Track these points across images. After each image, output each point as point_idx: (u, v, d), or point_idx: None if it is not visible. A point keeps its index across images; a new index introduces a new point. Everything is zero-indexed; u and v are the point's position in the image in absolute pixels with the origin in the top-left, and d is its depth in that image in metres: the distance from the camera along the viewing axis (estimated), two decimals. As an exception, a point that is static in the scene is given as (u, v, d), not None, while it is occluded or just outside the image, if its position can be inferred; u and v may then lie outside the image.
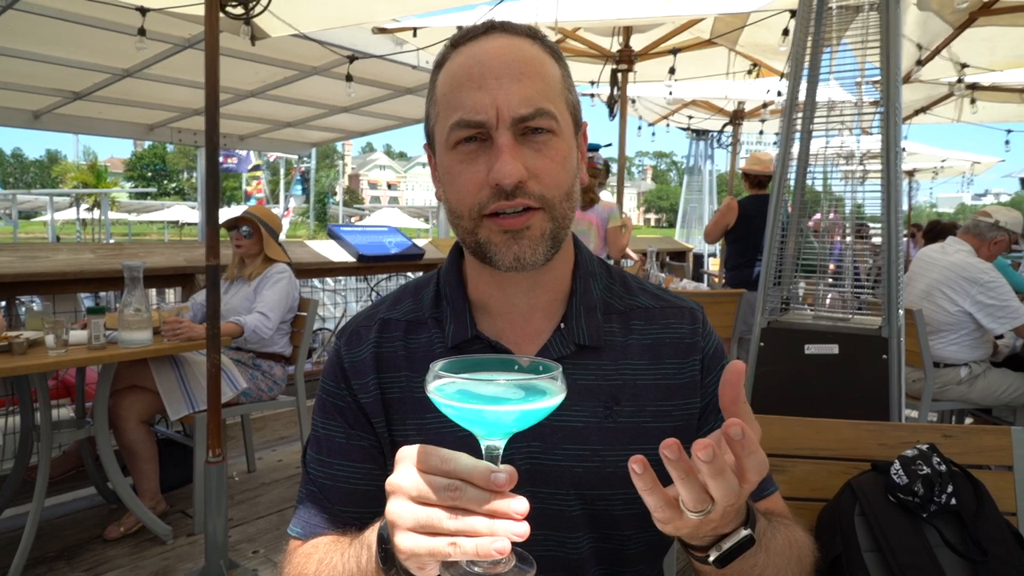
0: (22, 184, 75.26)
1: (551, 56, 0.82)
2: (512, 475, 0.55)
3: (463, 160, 0.78)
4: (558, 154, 0.78)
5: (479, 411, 0.55)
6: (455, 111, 0.77)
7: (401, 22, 4.32)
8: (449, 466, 0.55)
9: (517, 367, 0.62)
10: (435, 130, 0.83)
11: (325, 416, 0.90)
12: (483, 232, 0.78)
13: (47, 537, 2.81)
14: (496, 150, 0.75)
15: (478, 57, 0.78)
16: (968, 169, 10.89)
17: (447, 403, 0.56)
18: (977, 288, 3.19)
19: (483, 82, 0.76)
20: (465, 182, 0.77)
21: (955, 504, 1.08)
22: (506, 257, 0.78)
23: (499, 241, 0.78)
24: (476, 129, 0.76)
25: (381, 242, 4.98)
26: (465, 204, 0.78)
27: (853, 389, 2.29)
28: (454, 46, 0.82)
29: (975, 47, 4.50)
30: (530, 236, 0.77)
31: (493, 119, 0.75)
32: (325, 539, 0.84)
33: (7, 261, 3.29)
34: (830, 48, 2.56)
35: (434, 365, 0.58)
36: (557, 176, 0.78)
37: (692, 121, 8.06)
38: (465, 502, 0.54)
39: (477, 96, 0.75)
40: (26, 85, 5.03)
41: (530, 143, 0.77)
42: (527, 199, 0.76)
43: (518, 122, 0.76)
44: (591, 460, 0.82)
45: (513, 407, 0.55)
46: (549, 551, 0.83)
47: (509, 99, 0.75)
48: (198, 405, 2.88)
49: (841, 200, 2.62)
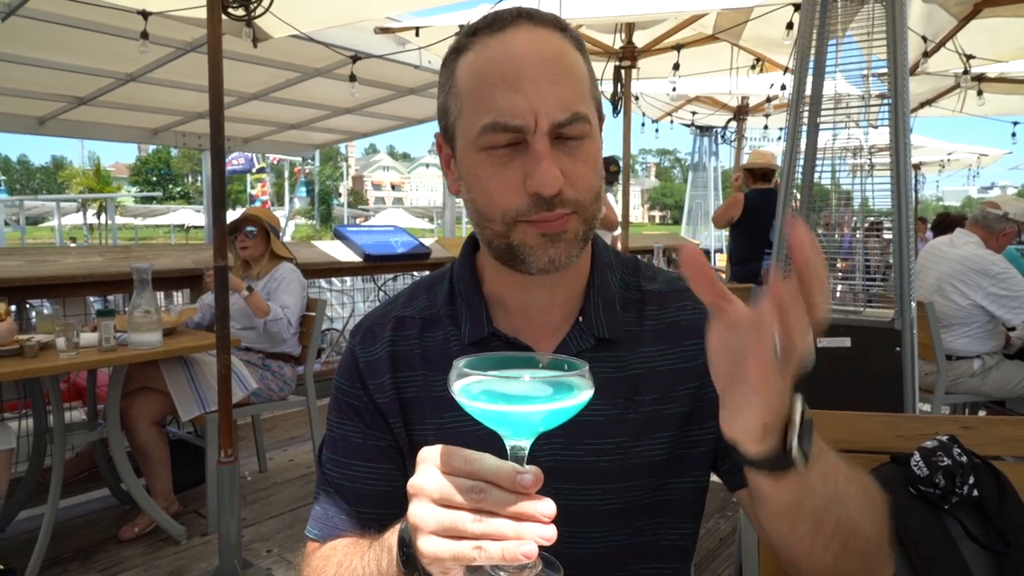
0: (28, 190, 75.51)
1: (577, 49, 0.79)
2: (538, 476, 0.53)
3: (495, 164, 0.75)
4: (590, 157, 0.77)
5: (505, 412, 0.53)
6: (487, 112, 0.74)
7: (402, 21, 4.32)
8: (473, 467, 0.54)
9: (541, 365, 0.60)
10: (456, 125, 0.79)
11: (341, 416, 0.89)
12: (517, 236, 0.76)
13: (62, 538, 2.82)
14: (533, 156, 0.73)
15: (510, 54, 0.74)
16: (975, 162, 10.83)
17: (472, 404, 0.54)
18: (989, 280, 3.17)
19: (518, 83, 0.73)
20: (497, 186, 0.75)
21: (977, 495, 1.07)
22: (541, 260, 0.76)
23: (535, 244, 0.76)
24: (511, 134, 0.73)
25: (387, 242, 4.98)
26: (497, 208, 0.76)
27: (866, 382, 2.28)
28: (474, 34, 0.78)
29: (980, 38, 4.47)
30: (566, 240, 0.76)
31: (532, 124, 0.72)
32: (344, 541, 0.83)
33: (17, 265, 3.30)
34: (835, 40, 2.55)
35: (457, 362, 0.56)
36: (590, 180, 0.77)
37: (696, 117, 8.04)
38: (490, 504, 0.52)
39: (513, 99, 0.72)
40: (30, 91, 5.05)
41: (564, 147, 0.75)
42: (564, 207, 0.74)
43: (556, 128, 0.73)
44: (614, 453, 0.81)
45: (541, 406, 0.54)
46: (576, 548, 0.82)
47: (547, 104, 0.72)
48: (209, 406, 2.89)
49: (850, 194, 2.61)
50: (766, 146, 9.01)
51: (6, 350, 2.40)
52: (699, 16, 4.65)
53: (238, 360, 3.12)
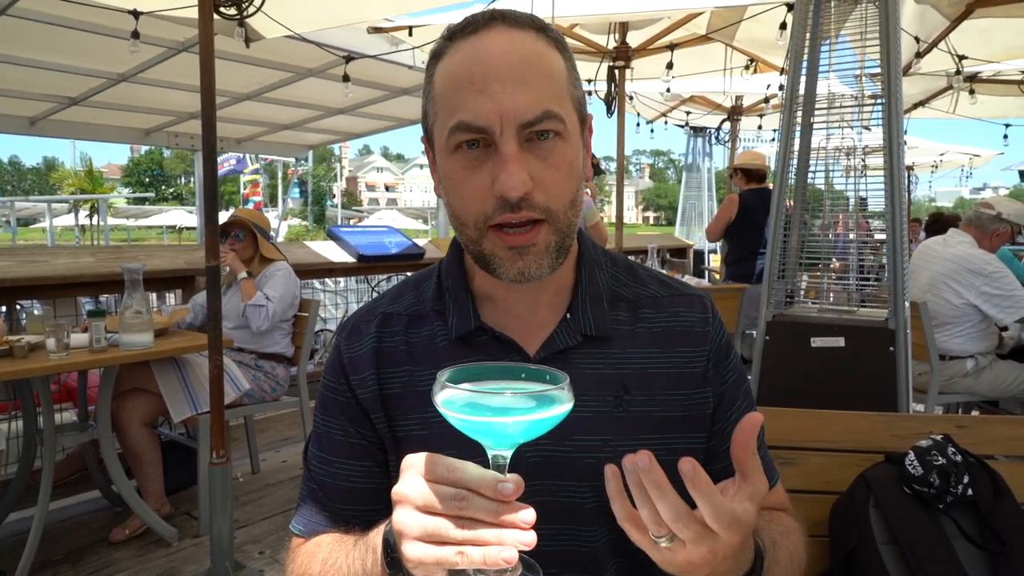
0: (20, 191, 75.07)
1: (556, 49, 0.78)
2: (519, 484, 0.55)
3: (465, 167, 0.74)
4: (564, 161, 0.75)
5: (487, 423, 0.55)
6: (455, 113, 0.73)
7: (395, 21, 4.31)
8: (456, 475, 0.55)
9: (524, 375, 0.61)
10: (434, 130, 0.79)
11: (326, 412, 0.89)
12: (487, 244, 0.76)
13: (52, 540, 2.80)
14: (501, 159, 0.72)
15: (479, 56, 0.74)
16: (967, 163, 10.88)
17: (454, 415, 0.55)
18: (982, 279, 3.18)
19: (485, 85, 0.72)
20: (469, 191, 0.75)
21: (972, 495, 1.07)
22: (510, 271, 0.76)
23: (504, 256, 0.75)
24: (478, 134, 0.72)
25: (381, 242, 4.96)
26: (469, 214, 0.75)
27: (860, 382, 2.28)
28: (451, 38, 0.78)
29: (972, 39, 4.50)
30: (535, 251, 0.75)
31: (497, 126, 0.71)
32: (328, 538, 0.83)
33: (7, 266, 3.28)
34: (829, 41, 2.56)
35: (440, 375, 0.57)
36: (562, 186, 0.75)
37: (690, 118, 8.04)
38: (472, 512, 0.54)
39: (479, 100, 0.72)
40: (22, 91, 5.01)
41: (536, 150, 0.73)
42: (532, 211, 0.73)
43: (523, 127, 0.72)
44: (602, 451, 0.81)
45: (521, 418, 0.55)
46: (563, 545, 0.82)
47: (515, 104, 0.71)
48: (201, 407, 2.87)
49: (843, 194, 2.62)
50: (759, 146, 9.03)
51: (-5, 351, 2.38)
52: (693, 16, 4.66)
53: (230, 361, 3.10)
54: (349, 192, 78.99)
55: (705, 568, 0.59)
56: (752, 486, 0.59)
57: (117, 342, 2.59)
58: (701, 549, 0.57)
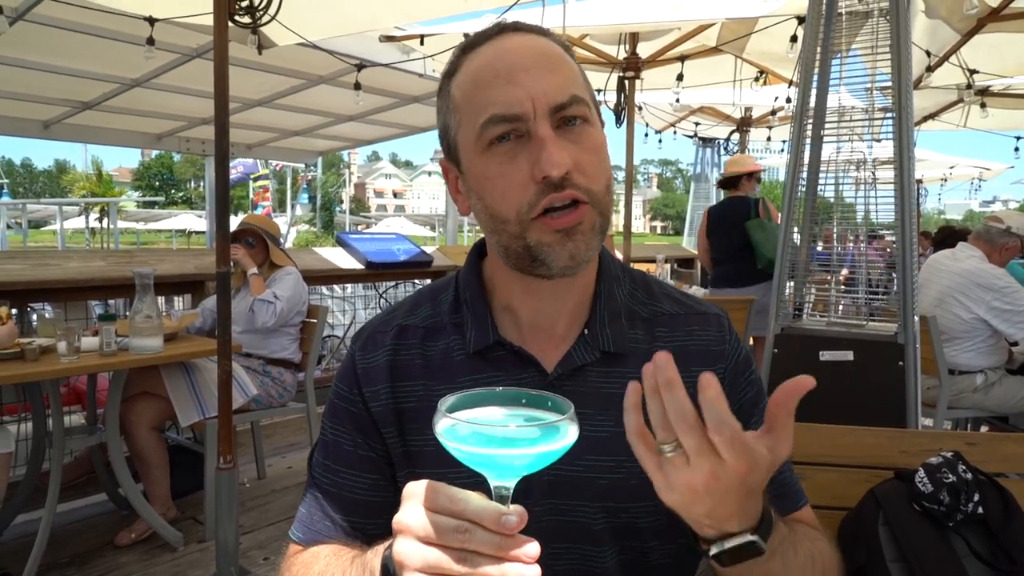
0: (31, 194, 75.66)
1: (568, 54, 0.80)
2: (523, 517, 0.53)
3: (502, 161, 0.74)
4: (596, 144, 0.76)
5: (490, 455, 0.53)
6: (485, 109, 0.74)
7: (407, 30, 4.33)
8: (458, 507, 0.54)
9: (525, 400, 0.60)
10: (458, 138, 0.79)
11: (335, 421, 0.88)
12: (533, 235, 0.75)
13: (59, 543, 2.81)
14: (538, 142, 0.72)
15: (500, 54, 0.76)
16: (977, 176, 10.84)
17: (456, 446, 0.54)
18: (992, 294, 3.17)
19: (512, 76, 0.73)
20: (509, 183, 0.74)
21: (982, 513, 1.06)
22: (561, 257, 0.75)
23: (552, 241, 0.74)
24: (512, 124, 0.73)
25: (389, 249, 4.98)
26: (511, 206, 0.74)
27: (868, 396, 2.27)
28: (464, 52, 0.79)
29: (983, 53, 4.49)
30: (583, 231, 0.75)
31: (530, 111, 0.72)
32: (326, 549, 0.82)
33: (19, 269, 3.30)
34: (839, 54, 2.56)
35: (442, 404, 0.56)
36: (598, 167, 0.76)
37: (699, 128, 8.04)
38: (475, 545, 0.53)
39: (509, 90, 0.73)
40: (36, 95, 5.05)
41: (568, 134, 0.74)
42: (576, 191, 0.73)
43: (556, 111, 0.73)
44: (616, 471, 0.80)
45: (525, 450, 0.53)
46: (572, 565, 0.81)
47: (545, 88, 0.73)
48: (209, 412, 2.88)
49: (852, 207, 2.61)
50: (768, 158, 9.03)
51: (7, 353, 2.39)
52: (703, 28, 4.67)
53: (239, 366, 3.11)
54: (357, 198, 79.27)
55: (706, 498, 0.57)
56: (773, 440, 0.57)
57: (127, 346, 2.61)
58: (703, 468, 0.55)
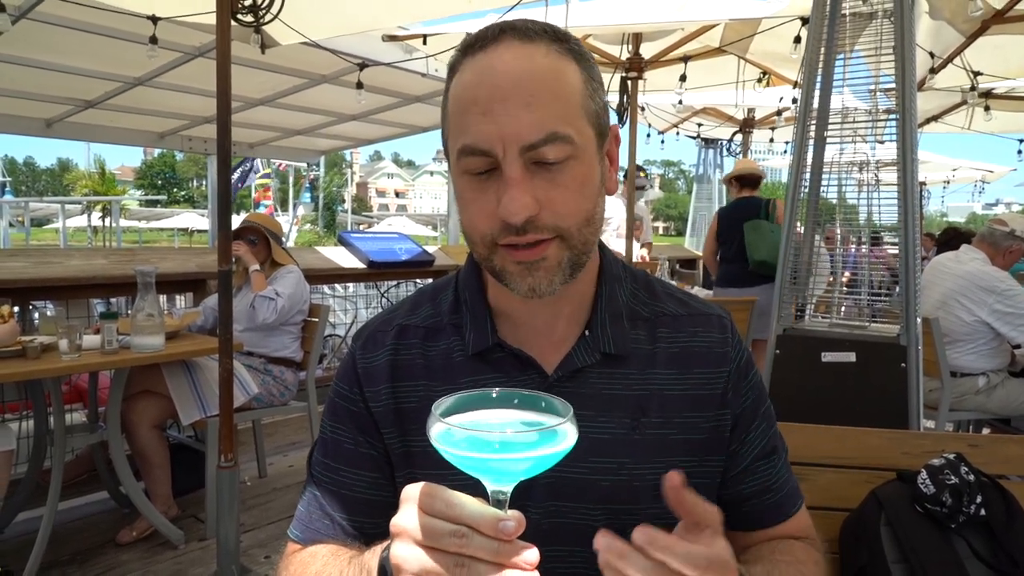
0: (34, 192, 75.79)
1: (571, 59, 0.75)
2: (521, 522, 0.52)
3: (474, 188, 0.74)
4: (574, 180, 0.73)
5: (486, 460, 0.52)
6: (461, 135, 0.73)
7: (410, 29, 4.33)
8: (455, 512, 0.53)
9: (517, 400, 0.59)
10: (448, 145, 0.79)
11: (335, 420, 0.88)
12: (497, 260, 0.75)
13: (60, 541, 2.81)
14: (504, 183, 0.71)
15: (484, 77, 0.72)
16: (980, 178, 10.82)
17: (451, 451, 0.53)
18: (994, 297, 3.16)
19: (489, 107, 0.70)
20: (476, 211, 0.74)
21: (984, 515, 1.06)
22: (521, 287, 0.75)
23: (514, 271, 0.74)
24: (483, 158, 0.71)
25: (391, 248, 4.98)
26: (477, 232, 0.75)
27: (870, 397, 2.27)
28: (465, 52, 0.76)
29: (987, 55, 4.48)
30: (546, 267, 0.74)
31: (499, 149, 0.70)
32: (324, 549, 0.81)
33: (21, 266, 3.31)
34: (843, 55, 2.55)
35: (436, 408, 0.55)
36: (573, 204, 0.73)
37: (701, 129, 8.04)
38: (473, 550, 0.52)
39: (482, 123, 0.71)
40: (39, 94, 5.06)
41: (545, 172, 0.72)
42: (539, 232, 0.72)
43: (526, 150, 0.70)
44: (617, 473, 0.80)
45: (524, 454, 0.52)
46: (575, 568, 0.80)
47: (517, 126, 0.69)
48: (210, 410, 2.88)
49: (855, 208, 2.61)
50: (771, 159, 9.02)
51: (8, 351, 2.40)
52: (707, 28, 4.66)
53: (240, 365, 3.11)
54: (359, 197, 79.31)
55: None
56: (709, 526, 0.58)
57: (129, 344, 2.61)
58: None
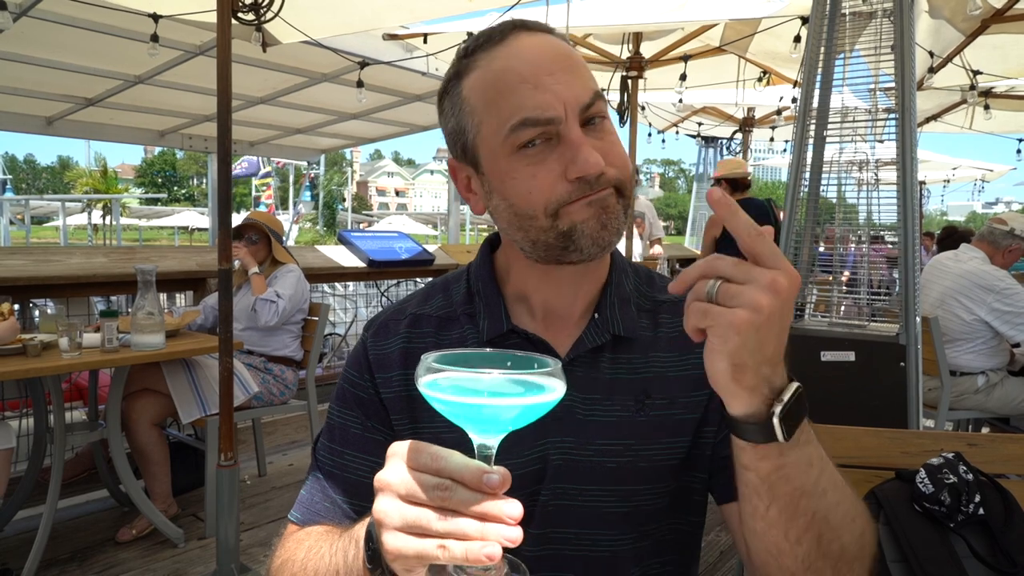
0: (34, 189, 75.72)
1: None
2: (506, 477, 0.52)
3: (531, 163, 0.76)
4: (613, 135, 0.80)
5: (475, 405, 0.51)
6: (514, 114, 0.75)
7: (410, 28, 4.33)
8: (439, 464, 0.53)
9: (510, 363, 0.58)
10: (478, 141, 0.80)
11: (343, 405, 0.89)
12: (565, 221, 0.77)
13: (60, 539, 2.81)
14: (569, 144, 0.75)
15: (521, 57, 0.77)
16: (979, 177, 10.83)
17: (439, 396, 0.52)
18: (993, 296, 3.16)
19: (538, 80, 0.75)
20: (539, 183, 0.76)
21: (983, 514, 1.06)
22: (595, 231, 0.77)
23: (586, 218, 0.76)
24: (543, 128, 0.75)
25: (392, 247, 4.98)
26: (539, 203, 0.77)
27: (870, 397, 2.27)
28: (471, 54, 0.79)
29: (987, 54, 4.48)
30: (613, 215, 0.78)
31: (562, 114, 0.75)
32: (320, 528, 0.83)
33: (21, 264, 3.31)
34: (843, 54, 2.55)
35: (425, 358, 0.55)
36: (622, 154, 0.80)
37: (702, 128, 8.04)
38: (455, 503, 0.51)
39: (537, 95, 0.75)
40: (39, 91, 5.06)
41: (593, 131, 0.78)
42: (603, 186, 0.77)
43: (584, 110, 0.76)
44: (624, 455, 0.82)
45: (512, 401, 0.52)
46: (583, 550, 0.82)
47: (572, 90, 0.76)
48: (210, 409, 2.88)
49: (855, 208, 2.61)
50: (771, 158, 9.02)
51: (9, 349, 2.40)
52: (707, 28, 4.67)
53: (240, 363, 3.11)
54: (360, 196, 79.28)
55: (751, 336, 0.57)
56: None
57: (129, 342, 2.61)
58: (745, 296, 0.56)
